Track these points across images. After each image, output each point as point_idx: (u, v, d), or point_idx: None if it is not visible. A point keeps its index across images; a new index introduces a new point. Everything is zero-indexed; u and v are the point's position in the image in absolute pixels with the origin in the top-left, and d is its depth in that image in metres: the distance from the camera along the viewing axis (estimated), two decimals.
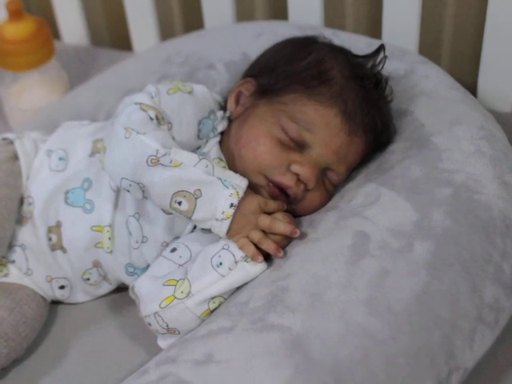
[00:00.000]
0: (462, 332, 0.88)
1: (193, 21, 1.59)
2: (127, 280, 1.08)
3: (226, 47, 1.30)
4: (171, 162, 0.95)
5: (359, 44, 1.25)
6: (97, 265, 1.08)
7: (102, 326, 1.11)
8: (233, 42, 1.31)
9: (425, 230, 0.93)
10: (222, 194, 0.95)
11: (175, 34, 1.60)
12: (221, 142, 1.08)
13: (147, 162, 0.94)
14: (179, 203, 0.95)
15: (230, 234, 0.97)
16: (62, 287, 1.10)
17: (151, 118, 0.99)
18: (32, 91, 1.39)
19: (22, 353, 1.06)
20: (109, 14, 1.64)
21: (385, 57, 1.07)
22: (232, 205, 0.95)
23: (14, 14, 1.30)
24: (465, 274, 0.90)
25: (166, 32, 1.59)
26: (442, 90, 1.14)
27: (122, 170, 0.96)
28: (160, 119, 1.00)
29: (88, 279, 1.09)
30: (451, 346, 0.87)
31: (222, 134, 1.09)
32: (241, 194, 0.95)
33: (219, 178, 0.96)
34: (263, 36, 1.30)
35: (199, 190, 0.95)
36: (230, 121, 1.08)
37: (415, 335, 0.86)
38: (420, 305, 0.88)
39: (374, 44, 1.24)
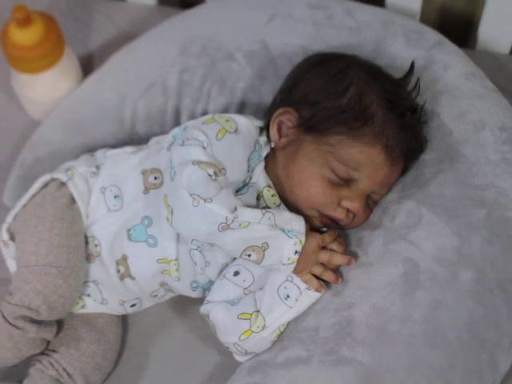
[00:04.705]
0: (504, 347, 1.05)
1: None
2: (191, 294, 1.20)
3: (241, 32, 1.31)
4: (240, 225, 1.03)
5: (374, 25, 1.28)
6: (163, 284, 1.19)
7: (173, 331, 1.24)
8: (246, 24, 1.32)
9: (466, 257, 1.06)
10: (286, 244, 1.05)
11: None
12: (265, 166, 1.15)
13: (218, 228, 1.03)
14: (249, 255, 1.06)
15: (295, 271, 1.08)
16: (133, 305, 1.22)
17: (210, 175, 1.05)
18: (45, 82, 1.37)
19: None
20: None
21: (418, 79, 1.14)
22: (296, 252, 1.06)
23: (23, 21, 1.27)
24: (503, 296, 1.05)
25: None
26: (462, 83, 1.20)
27: (194, 234, 1.05)
28: (217, 172, 1.06)
29: (156, 295, 1.21)
30: (496, 361, 1.05)
31: (265, 157, 1.16)
32: (303, 241, 1.06)
33: (283, 231, 1.05)
34: (277, 19, 1.31)
35: (266, 242, 1.05)
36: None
37: (467, 360, 1.03)
38: (469, 332, 1.03)
39: (389, 23, 1.28)
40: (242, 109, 1.29)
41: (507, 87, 1.37)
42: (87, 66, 1.49)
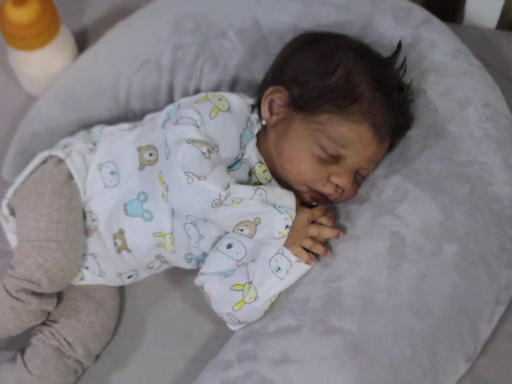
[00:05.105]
0: (485, 316, 1.10)
1: None
2: (186, 265, 1.24)
3: (233, 9, 1.35)
4: (233, 201, 1.07)
5: (363, 3, 1.31)
6: (159, 256, 1.23)
7: (168, 301, 1.29)
8: (238, 1, 1.35)
9: (450, 231, 1.11)
10: (278, 219, 1.09)
11: None
12: (257, 143, 1.19)
13: (212, 205, 1.07)
14: (241, 230, 1.10)
15: (286, 245, 1.12)
16: (130, 277, 1.26)
17: (204, 153, 1.09)
18: (41, 58, 1.40)
19: None
20: None
21: (405, 58, 1.17)
22: (287, 226, 1.10)
23: (19, 0, 1.29)
24: (485, 268, 1.10)
25: None
26: (448, 61, 1.24)
27: (189, 210, 1.09)
28: (211, 150, 1.10)
29: (152, 267, 1.25)
30: (477, 329, 1.10)
31: (256, 134, 1.20)
32: (294, 216, 1.10)
33: (274, 206, 1.09)
34: None
35: (258, 218, 1.09)
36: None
37: (450, 329, 1.08)
38: (452, 303, 1.08)
39: (377, 1, 1.31)
40: (233, 86, 1.33)
41: (493, 62, 1.40)
42: (82, 41, 1.52)
